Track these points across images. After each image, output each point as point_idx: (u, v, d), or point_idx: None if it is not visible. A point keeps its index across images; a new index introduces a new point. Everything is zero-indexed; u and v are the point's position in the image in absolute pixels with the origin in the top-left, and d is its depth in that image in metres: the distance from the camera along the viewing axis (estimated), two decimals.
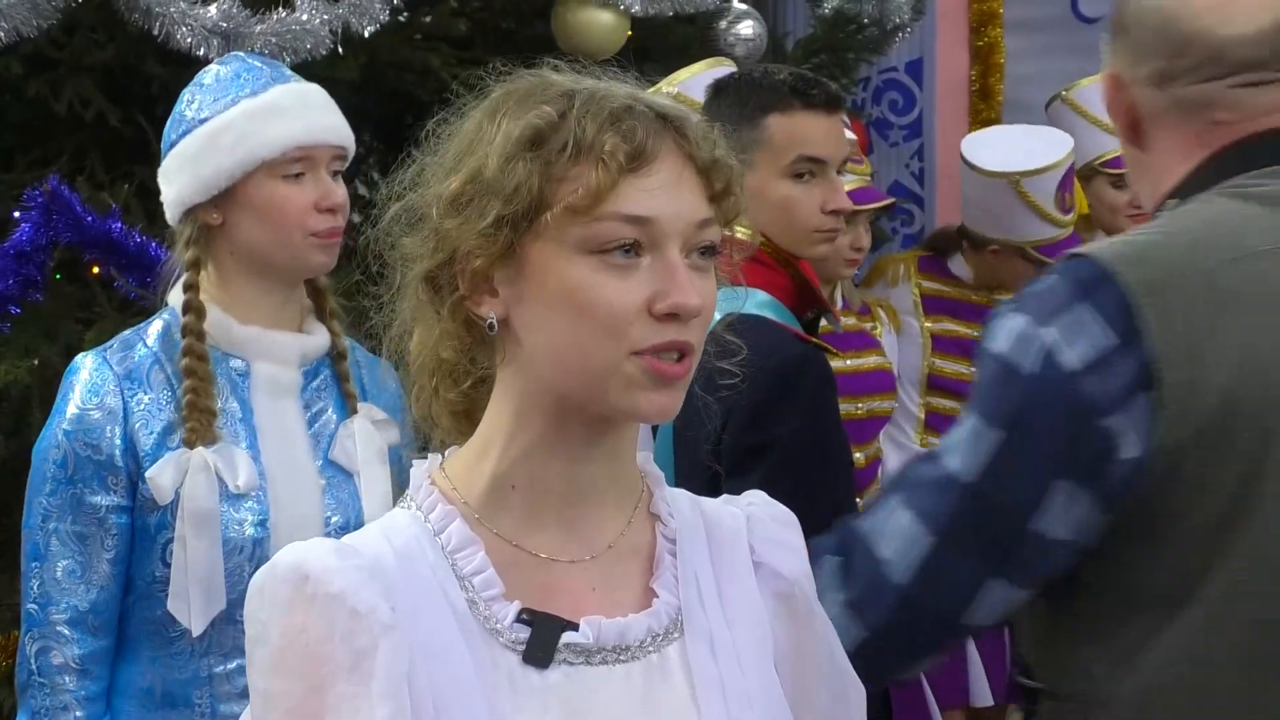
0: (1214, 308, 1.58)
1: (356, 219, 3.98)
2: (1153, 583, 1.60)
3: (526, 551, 1.36)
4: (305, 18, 3.02)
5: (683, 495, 1.46)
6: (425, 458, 1.42)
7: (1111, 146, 4.23)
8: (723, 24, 3.91)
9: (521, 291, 1.33)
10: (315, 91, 2.39)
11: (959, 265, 4.29)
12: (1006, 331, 1.61)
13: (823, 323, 2.79)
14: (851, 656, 1.51)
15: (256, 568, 2.19)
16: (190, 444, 2.24)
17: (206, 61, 3.00)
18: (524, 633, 1.32)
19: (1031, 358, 1.59)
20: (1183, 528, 1.58)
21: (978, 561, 1.60)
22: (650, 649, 1.36)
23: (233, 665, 2.26)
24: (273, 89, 2.33)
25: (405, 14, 3.35)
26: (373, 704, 1.26)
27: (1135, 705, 1.58)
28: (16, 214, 2.98)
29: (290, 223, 2.30)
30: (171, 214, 2.35)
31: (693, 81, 3.10)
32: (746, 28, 3.91)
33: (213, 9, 2.97)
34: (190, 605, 2.22)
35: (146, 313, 2.81)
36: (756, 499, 1.50)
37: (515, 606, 1.33)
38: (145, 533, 2.26)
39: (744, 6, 3.95)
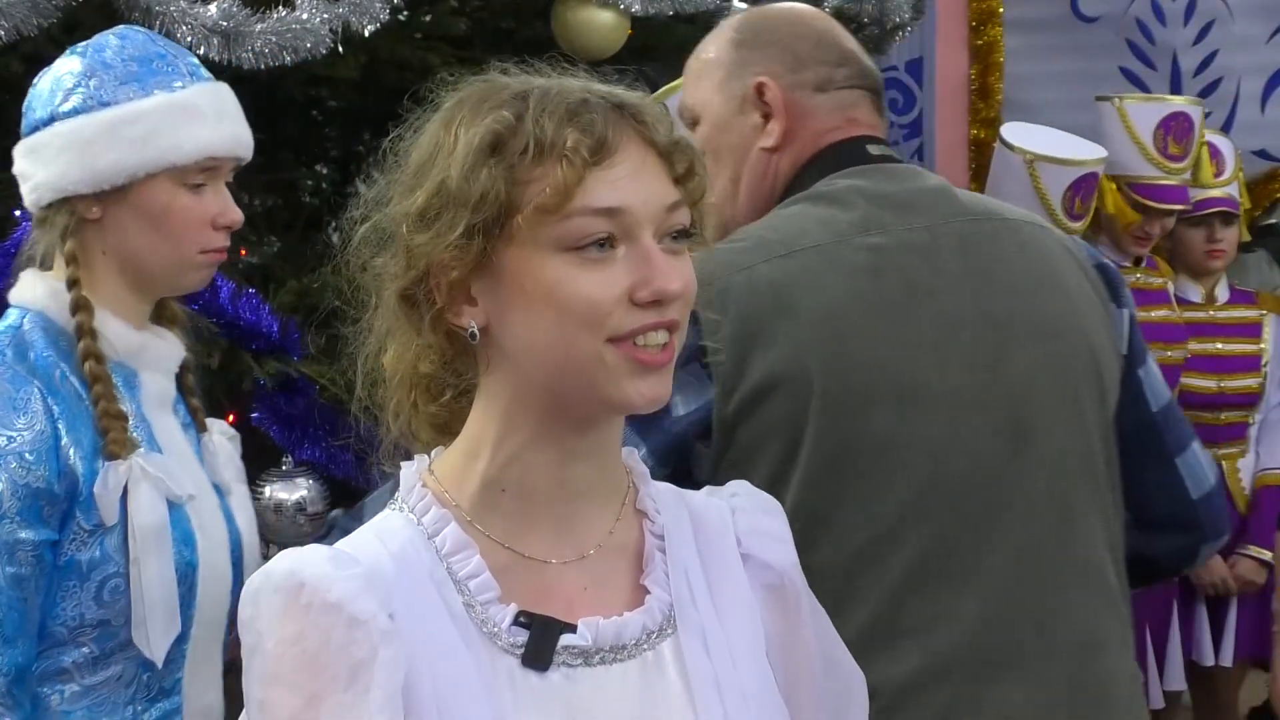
0: (757, 297, 1.82)
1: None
2: None
3: (518, 554, 1.36)
4: (305, 16, 3.01)
5: (667, 490, 1.47)
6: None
7: (1145, 172, 4.28)
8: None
9: (501, 298, 1.32)
10: (226, 93, 2.18)
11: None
12: None
13: None
14: None
15: (190, 596, 2.02)
16: (115, 455, 1.98)
17: (206, 60, 3.01)
18: (521, 635, 1.33)
19: None
20: None
21: None
22: (645, 647, 1.37)
23: (157, 711, 2.06)
24: (192, 87, 2.11)
25: (405, 13, 3.35)
26: (371, 713, 1.25)
27: None
28: (17, 213, 2.97)
29: (187, 236, 2.08)
30: (38, 197, 2.08)
31: None
32: None
33: (213, 8, 2.97)
34: (150, 632, 1.98)
35: None
36: (740, 489, 1.51)
37: (512, 609, 1.33)
38: (74, 571, 1.98)
39: (744, 6, 3.95)
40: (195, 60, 2.19)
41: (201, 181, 2.09)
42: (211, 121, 2.10)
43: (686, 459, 1.84)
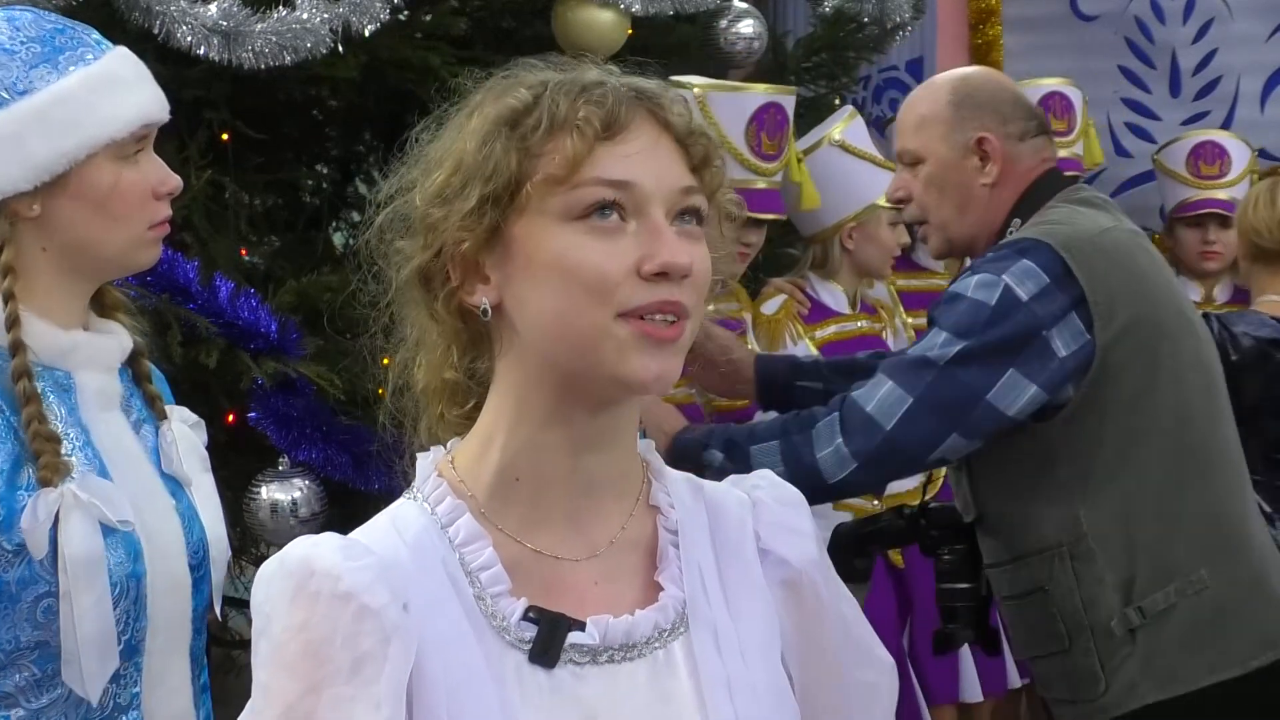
0: (1104, 257, 2.48)
1: (357, 218, 3.99)
2: (1102, 440, 2.45)
3: (530, 549, 1.36)
4: (305, 16, 3.01)
5: (683, 481, 1.46)
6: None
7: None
8: (723, 23, 3.91)
9: (511, 271, 1.33)
10: (134, 56, 2.03)
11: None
12: (974, 282, 2.46)
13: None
14: (841, 483, 2.44)
15: (136, 608, 1.90)
16: (48, 481, 1.83)
17: (206, 60, 3.00)
18: (530, 631, 1.33)
19: (995, 294, 2.43)
20: (1119, 399, 2.44)
21: (941, 419, 2.42)
22: (656, 645, 1.37)
23: None
24: (104, 56, 1.96)
25: (405, 13, 3.34)
26: (374, 705, 1.25)
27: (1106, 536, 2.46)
28: None
29: (135, 213, 1.95)
30: None
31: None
32: (747, 26, 3.91)
33: (213, 7, 2.96)
34: (83, 671, 1.84)
35: (148, 313, 2.78)
36: (763, 481, 1.50)
37: (522, 604, 1.33)
38: (3, 593, 1.82)
39: (744, 5, 3.95)
40: (90, 27, 2.03)
41: (138, 150, 1.97)
42: (137, 87, 1.98)
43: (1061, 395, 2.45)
